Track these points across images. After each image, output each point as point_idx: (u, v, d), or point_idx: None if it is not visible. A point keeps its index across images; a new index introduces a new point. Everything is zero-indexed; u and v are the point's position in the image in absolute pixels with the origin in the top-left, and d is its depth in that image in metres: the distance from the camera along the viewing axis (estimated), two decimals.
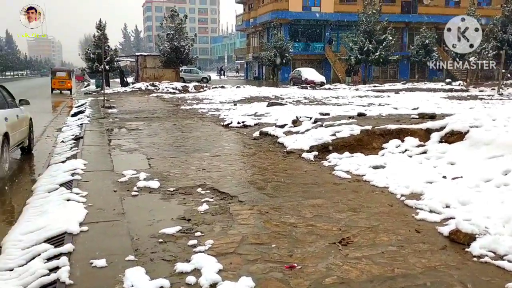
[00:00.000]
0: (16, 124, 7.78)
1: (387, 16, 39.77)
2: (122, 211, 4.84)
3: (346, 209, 4.81)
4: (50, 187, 5.86)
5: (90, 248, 3.80)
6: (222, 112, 15.31)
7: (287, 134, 9.10)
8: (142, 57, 39.83)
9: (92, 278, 3.27)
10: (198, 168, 6.87)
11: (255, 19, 52.10)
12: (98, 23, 33.95)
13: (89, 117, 14.12)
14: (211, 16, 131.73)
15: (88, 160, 7.33)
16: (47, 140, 11.08)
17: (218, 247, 3.79)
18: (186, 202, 5.16)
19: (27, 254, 3.79)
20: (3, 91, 8.06)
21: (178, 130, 11.27)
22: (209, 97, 23.45)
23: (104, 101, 19.79)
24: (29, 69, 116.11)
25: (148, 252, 3.71)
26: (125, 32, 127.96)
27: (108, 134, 10.54)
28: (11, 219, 5.20)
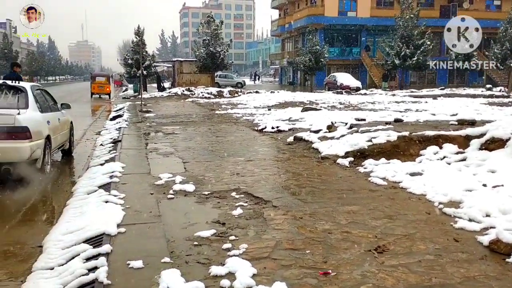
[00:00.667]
0: (57, 127, 8.04)
1: (425, 20, 39.02)
2: (158, 213, 4.92)
3: (382, 216, 4.73)
4: (89, 189, 6.01)
5: (127, 249, 3.88)
6: (256, 117, 15.36)
7: (322, 140, 9.05)
8: (179, 62, 40.47)
9: (129, 278, 3.34)
10: (232, 173, 6.91)
11: (290, 24, 52.13)
12: (136, 29, 34.71)
13: (127, 121, 14.44)
14: (247, 22, 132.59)
15: (126, 163, 7.50)
16: (86, 143, 11.39)
17: (252, 251, 3.79)
18: (221, 206, 5.20)
19: (67, 254, 3.90)
20: (46, 95, 8.35)
21: (213, 135, 11.38)
22: (243, 102, 23.58)
23: (142, 105, 20.20)
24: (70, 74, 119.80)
25: (183, 254, 3.76)
26: (162, 38, 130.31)
27: (145, 138, 10.75)
28: (51, 220, 5.36)
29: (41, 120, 7.06)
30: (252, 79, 70.52)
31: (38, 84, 8.89)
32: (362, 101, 23.14)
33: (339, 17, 46.58)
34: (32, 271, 3.70)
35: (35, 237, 4.67)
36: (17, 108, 6.62)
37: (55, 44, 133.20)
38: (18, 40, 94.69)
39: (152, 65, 36.74)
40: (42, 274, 3.58)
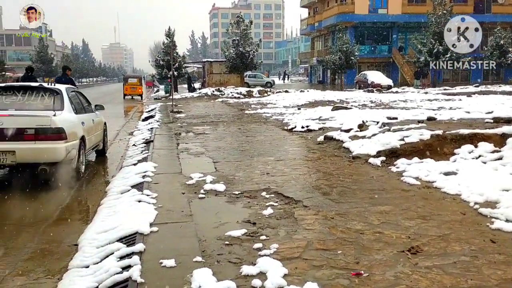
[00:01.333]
0: (92, 128, 8.22)
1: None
2: (190, 213, 4.97)
3: (415, 217, 4.65)
4: (123, 189, 6.12)
5: (160, 248, 3.93)
6: (286, 116, 15.32)
7: (353, 139, 8.95)
8: (209, 63, 40.82)
9: (161, 277, 3.38)
10: (262, 172, 6.92)
11: (320, 23, 51.83)
12: (167, 31, 35.17)
13: (158, 122, 14.64)
14: (276, 21, 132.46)
15: (158, 163, 7.60)
16: (119, 144, 11.61)
17: (283, 251, 3.79)
18: (251, 205, 5.21)
19: (101, 252, 3.98)
20: (80, 97, 8.55)
21: (242, 134, 11.42)
22: (273, 102, 23.57)
23: (173, 106, 20.46)
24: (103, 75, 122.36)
25: (214, 254, 3.79)
26: (192, 39, 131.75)
27: (176, 138, 10.88)
28: (86, 219, 5.48)
29: (76, 121, 7.24)
30: (281, 79, 70.37)
31: (73, 86, 9.10)
32: (393, 100, 22.79)
33: (369, 15, 46.02)
34: (68, 269, 3.80)
35: (70, 236, 4.78)
36: (53, 110, 6.80)
37: (88, 46, 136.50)
38: (53, 43, 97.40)
39: (182, 66, 37.14)
40: (78, 272, 3.67)
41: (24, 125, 6.34)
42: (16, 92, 7.19)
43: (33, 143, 6.36)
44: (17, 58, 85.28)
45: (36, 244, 4.58)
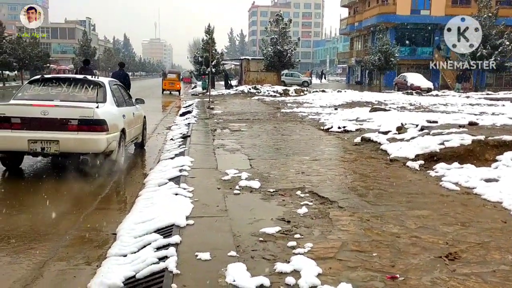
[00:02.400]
0: (132, 121, 8.40)
1: (504, 19, 36.88)
2: (225, 208, 5.03)
3: (454, 223, 4.55)
4: (160, 181, 6.24)
5: (195, 241, 3.99)
6: (323, 116, 15.22)
7: (391, 141, 8.82)
8: (246, 60, 40.92)
9: (197, 269, 3.44)
10: (297, 171, 6.91)
11: (360, 23, 51.17)
12: (206, 28, 35.49)
13: (195, 117, 14.83)
14: (315, 20, 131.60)
15: (195, 158, 7.71)
16: (157, 137, 11.82)
17: (317, 250, 3.78)
18: (286, 203, 5.21)
19: (139, 242, 4.07)
20: (121, 90, 8.75)
21: (278, 133, 11.42)
22: (309, 101, 23.45)
23: (210, 102, 20.66)
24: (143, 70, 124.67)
25: (249, 249, 3.82)
26: (230, 36, 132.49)
27: (212, 134, 10.99)
28: (124, 209, 5.61)
29: (117, 114, 7.42)
30: (318, 78, 69.88)
31: (115, 80, 9.33)
32: (433, 103, 22.28)
33: (411, 16, 45.10)
34: (107, 256, 3.90)
35: (109, 225, 4.92)
36: (96, 102, 6.99)
37: (130, 41, 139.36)
38: (96, 37, 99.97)
39: (220, 63, 37.40)
40: (116, 260, 3.76)
41: (68, 116, 6.55)
42: (61, 84, 7.44)
43: (76, 133, 6.57)
44: (61, 50, 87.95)
45: (76, 231, 4.72)
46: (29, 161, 7.75)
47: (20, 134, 6.52)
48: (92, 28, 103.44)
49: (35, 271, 3.73)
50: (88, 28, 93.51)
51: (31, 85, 7.55)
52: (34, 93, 7.29)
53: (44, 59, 48.25)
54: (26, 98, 7.14)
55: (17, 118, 6.54)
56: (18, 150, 6.72)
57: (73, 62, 66.16)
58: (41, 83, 7.51)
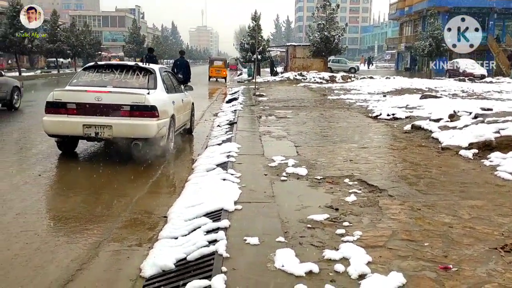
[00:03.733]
0: (181, 107, 8.54)
1: None
2: (272, 194, 5.05)
3: (510, 213, 4.37)
4: (208, 167, 6.34)
5: (244, 226, 4.04)
6: (371, 103, 14.95)
7: (443, 129, 8.55)
8: (292, 47, 40.60)
9: (245, 254, 3.48)
10: (345, 159, 6.83)
11: (410, 7, 49.51)
12: (253, 14, 35.39)
13: (241, 104, 14.91)
14: (363, 5, 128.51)
15: (241, 144, 7.77)
16: (205, 124, 11.98)
17: (366, 239, 3.74)
18: (334, 191, 5.17)
19: (189, 225, 4.16)
20: (171, 77, 8.90)
21: (325, 120, 11.32)
22: (356, 88, 23.06)
23: (255, 89, 20.69)
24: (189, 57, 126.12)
25: (297, 235, 3.82)
26: (276, 23, 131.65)
27: (258, 121, 11.02)
28: (174, 193, 5.73)
29: (167, 100, 7.56)
30: (365, 65, 68.42)
31: (165, 67, 9.50)
32: (487, 90, 21.39)
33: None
34: (158, 239, 4.01)
35: (160, 208, 5.05)
36: (147, 88, 7.15)
37: (177, 29, 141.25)
38: (145, 25, 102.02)
39: (266, 49, 37.29)
40: (167, 242, 3.87)
41: (120, 102, 6.74)
42: (114, 70, 7.64)
43: (128, 119, 6.75)
44: (112, 38, 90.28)
45: (129, 213, 4.87)
46: (83, 145, 8.05)
47: (75, 119, 6.77)
48: (141, 16, 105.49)
49: (90, 251, 3.88)
50: (137, 16, 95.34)
51: (85, 71, 7.80)
52: (88, 80, 7.53)
53: (96, 46, 49.73)
54: (81, 84, 7.38)
55: (73, 104, 6.79)
56: (73, 134, 6.99)
57: (123, 50, 67.79)
58: (94, 70, 7.75)
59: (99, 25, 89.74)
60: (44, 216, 4.87)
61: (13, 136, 9.42)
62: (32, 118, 11.59)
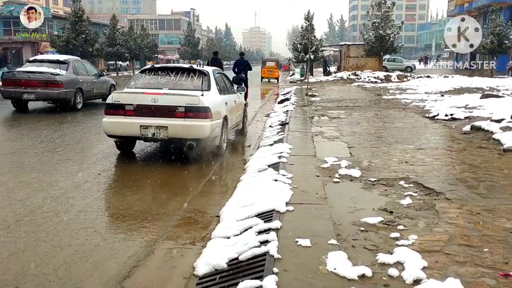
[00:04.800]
0: (233, 108, 8.64)
1: None
2: (324, 195, 5.00)
3: None
4: (260, 167, 6.37)
5: (295, 227, 4.02)
6: (428, 103, 14.50)
7: (505, 130, 8.15)
8: (346, 46, 40.02)
9: (297, 255, 3.47)
10: (400, 160, 6.66)
11: (470, 4, 47.63)
12: (306, 14, 35.24)
13: (293, 105, 14.88)
14: (420, 2, 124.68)
15: (293, 145, 7.75)
16: (257, 124, 12.05)
17: (422, 243, 3.63)
18: (388, 193, 5.06)
19: (241, 225, 4.20)
20: (224, 79, 9.02)
21: (379, 120, 11.09)
22: (413, 87, 22.44)
23: (308, 89, 20.58)
24: None
25: (349, 238, 3.77)
26: (330, 22, 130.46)
27: (310, 121, 10.96)
28: (226, 193, 5.80)
29: (220, 102, 7.67)
30: (422, 63, 66.30)
31: (218, 68, 9.64)
32: None
33: None
34: (211, 238, 4.08)
35: (212, 208, 5.13)
36: (201, 90, 7.29)
37: (231, 31, 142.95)
38: (199, 27, 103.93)
39: (319, 49, 37.01)
40: (220, 241, 3.92)
41: (176, 103, 6.91)
42: (169, 73, 7.84)
43: (183, 120, 6.91)
44: (167, 41, 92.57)
45: (183, 212, 4.99)
46: (140, 145, 8.31)
47: (133, 120, 7.01)
48: (196, 19, 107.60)
49: (147, 248, 4.00)
50: (192, 19, 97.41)
51: (142, 74, 8.06)
52: (145, 82, 7.78)
53: (153, 49, 51.23)
54: (138, 86, 7.64)
55: (131, 105, 7.03)
56: (131, 135, 7.23)
57: (179, 52, 69.39)
58: (151, 73, 8.00)
59: (155, 28, 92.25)
60: (103, 214, 5.07)
61: (75, 136, 9.87)
62: (92, 118, 12.10)
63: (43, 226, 4.47)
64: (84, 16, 35.18)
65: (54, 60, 14.59)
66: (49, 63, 14.12)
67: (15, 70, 15.13)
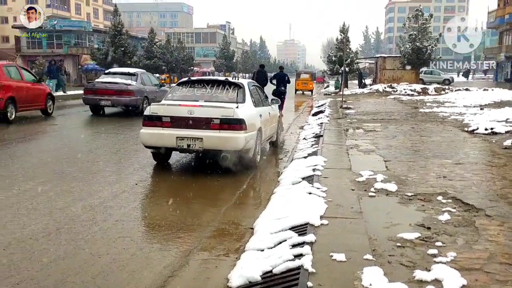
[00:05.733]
0: (267, 120, 8.68)
1: None
2: (360, 210, 4.94)
3: None
4: (294, 180, 6.36)
5: (330, 242, 3.99)
6: (466, 116, 14.15)
7: None
8: (382, 58, 39.69)
9: (332, 270, 3.43)
10: (438, 175, 6.52)
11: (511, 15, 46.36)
12: (341, 27, 35.16)
13: (328, 117, 14.80)
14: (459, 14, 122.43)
15: (328, 158, 7.70)
16: (291, 137, 12.04)
17: (461, 261, 3.53)
18: (425, 209, 4.95)
19: (274, 238, 4.19)
20: (259, 91, 9.09)
21: (416, 134, 10.89)
22: (451, 100, 21.97)
23: (342, 102, 20.45)
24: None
25: (385, 254, 3.71)
26: (365, 34, 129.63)
27: (345, 134, 10.87)
28: (260, 205, 5.81)
29: (255, 114, 7.72)
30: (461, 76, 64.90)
31: (253, 81, 9.72)
32: None
33: None
34: (245, 250, 4.09)
35: (246, 219, 5.15)
36: (236, 102, 7.37)
37: (265, 43, 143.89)
38: (234, 40, 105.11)
39: (354, 61, 36.79)
40: (254, 254, 3.92)
41: (211, 115, 7.00)
42: (205, 85, 7.97)
43: (218, 132, 6.99)
44: (203, 54, 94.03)
45: (218, 224, 5.02)
46: (176, 156, 8.44)
47: (170, 132, 7.14)
48: (231, 32, 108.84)
49: (181, 258, 4.05)
50: (227, 32, 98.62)
51: (179, 87, 8.21)
52: (181, 94, 7.92)
53: (189, 62, 52.16)
54: (175, 98, 7.79)
55: (167, 117, 7.17)
56: (167, 146, 7.36)
57: (214, 65, 70.30)
58: (188, 85, 8.14)
59: (191, 41, 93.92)
60: (140, 223, 5.17)
61: (114, 146, 10.11)
62: (130, 129, 12.38)
63: (82, 234, 4.59)
64: (123, 30, 36.16)
65: (126, 72, 17.13)
66: (121, 75, 16.65)
67: (95, 81, 17.59)
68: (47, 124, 13.95)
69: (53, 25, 47.99)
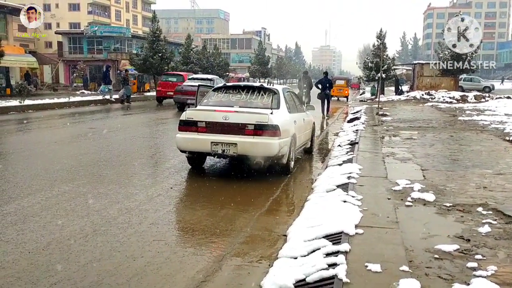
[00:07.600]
0: (302, 127, 8.64)
1: None
2: (396, 219, 4.84)
3: None
4: (328, 187, 6.29)
5: (365, 251, 3.91)
6: (508, 125, 13.68)
7: None
8: (419, 65, 38.83)
9: (366, 280, 3.36)
10: (478, 186, 6.32)
11: None
12: (378, 33, 34.72)
13: (363, 124, 14.60)
14: (500, 20, 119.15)
15: (363, 165, 7.58)
16: (325, 144, 11.93)
17: (502, 275, 3.40)
18: (464, 220, 4.81)
19: (308, 246, 4.14)
20: (293, 97, 9.06)
21: (455, 142, 10.60)
22: (492, 108, 21.30)
23: (378, 108, 20.15)
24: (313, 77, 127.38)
25: (422, 266, 3.61)
26: (403, 41, 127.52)
27: (381, 142, 10.69)
28: (293, 212, 5.78)
29: (289, 120, 7.70)
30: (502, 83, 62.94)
31: (288, 87, 9.70)
32: None
33: None
34: (278, 257, 4.06)
35: (280, 226, 5.12)
36: (270, 108, 7.37)
37: (300, 49, 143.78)
38: (270, 46, 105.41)
39: (391, 68, 36.21)
40: (287, 261, 3.89)
41: (245, 121, 7.02)
42: (240, 91, 8.01)
43: (252, 137, 7.00)
44: (238, 60, 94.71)
45: (251, 230, 5.02)
46: (210, 161, 8.50)
47: (205, 137, 7.20)
48: (267, 38, 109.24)
49: (215, 264, 4.06)
50: (263, 38, 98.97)
51: (215, 92, 8.28)
52: (217, 100, 7.98)
53: (225, 68, 52.57)
54: (211, 104, 7.85)
55: (203, 122, 7.24)
56: (202, 151, 7.42)
57: (249, 71, 70.62)
58: (223, 91, 8.20)
59: (227, 47, 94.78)
60: (174, 227, 5.22)
61: (150, 151, 10.29)
62: (165, 134, 12.57)
63: (118, 236, 4.67)
64: (161, 36, 36.79)
65: (205, 78, 22.18)
66: (202, 80, 20.66)
67: (183, 84, 22.04)
68: (85, 127, 14.33)
69: (94, 31, 49.38)
